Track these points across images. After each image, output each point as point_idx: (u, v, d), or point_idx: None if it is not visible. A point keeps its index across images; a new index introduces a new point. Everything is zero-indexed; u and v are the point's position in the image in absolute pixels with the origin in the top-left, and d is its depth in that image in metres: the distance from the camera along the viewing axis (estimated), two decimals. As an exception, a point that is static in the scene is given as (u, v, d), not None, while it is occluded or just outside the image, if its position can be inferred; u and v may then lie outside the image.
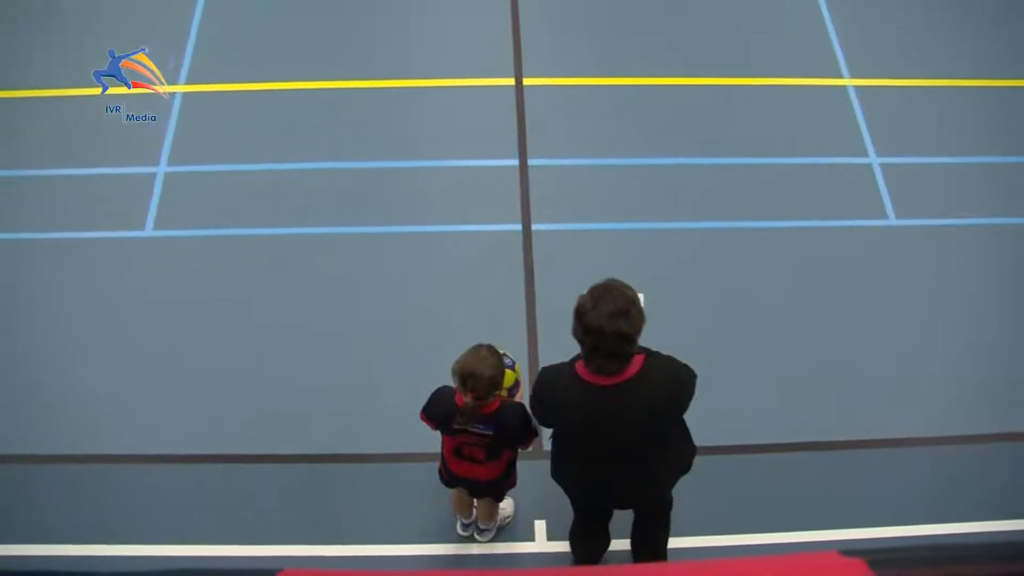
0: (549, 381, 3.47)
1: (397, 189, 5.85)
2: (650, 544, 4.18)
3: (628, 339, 3.18)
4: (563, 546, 4.47)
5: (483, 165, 5.97)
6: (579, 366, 3.35)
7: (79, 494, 4.68)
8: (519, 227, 5.68)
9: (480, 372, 3.57)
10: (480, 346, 3.69)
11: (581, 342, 3.26)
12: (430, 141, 6.07)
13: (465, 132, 6.12)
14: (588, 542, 4.26)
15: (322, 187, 5.85)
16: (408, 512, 4.59)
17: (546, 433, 3.77)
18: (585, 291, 3.28)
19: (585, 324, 3.18)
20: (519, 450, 4.01)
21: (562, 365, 3.48)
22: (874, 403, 5.05)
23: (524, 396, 4.06)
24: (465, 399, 3.65)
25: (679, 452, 3.65)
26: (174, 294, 5.40)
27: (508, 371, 3.90)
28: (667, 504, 4.01)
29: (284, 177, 5.90)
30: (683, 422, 3.63)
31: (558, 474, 3.77)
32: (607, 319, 3.13)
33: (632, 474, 3.56)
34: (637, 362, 3.29)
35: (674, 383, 3.38)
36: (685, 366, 3.44)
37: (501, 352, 3.88)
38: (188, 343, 5.21)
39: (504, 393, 3.86)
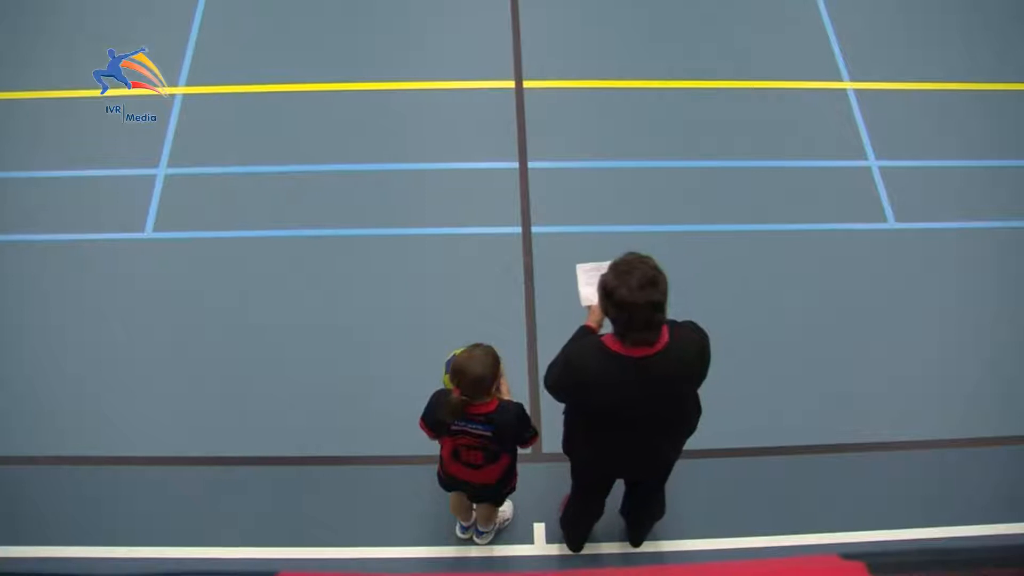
0: (579, 360, 3.40)
1: (397, 192, 5.85)
2: (653, 507, 4.26)
3: (660, 307, 3.18)
4: (562, 549, 4.47)
5: (483, 168, 5.97)
6: (609, 341, 3.33)
7: (78, 496, 4.68)
8: (519, 230, 5.68)
9: (469, 369, 3.54)
10: (478, 344, 3.66)
11: (614, 319, 3.24)
12: (430, 144, 6.07)
13: (465, 135, 6.12)
14: (584, 518, 4.30)
15: (322, 189, 5.84)
16: (407, 514, 4.59)
17: (547, 429, 3.74)
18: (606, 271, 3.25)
19: (617, 300, 3.16)
20: (518, 451, 4.00)
21: (585, 343, 3.44)
22: (873, 406, 5.05)
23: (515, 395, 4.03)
24: (454, 395, 3.63)
25: (692, 418, 3.67)
26: (173, 296, 5.39)
27: None
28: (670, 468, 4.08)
29: (283, 179, 5.89)
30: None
31: (572, 449, 3.78)
32: (638, 291, 3.12)
33: (651, 443, 3.60)
34: (665, 331, 3.30)
35: (700, 346, 3.41)
36: (698, 327, 3.47)
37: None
38: (187, 346, 5.21)
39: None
